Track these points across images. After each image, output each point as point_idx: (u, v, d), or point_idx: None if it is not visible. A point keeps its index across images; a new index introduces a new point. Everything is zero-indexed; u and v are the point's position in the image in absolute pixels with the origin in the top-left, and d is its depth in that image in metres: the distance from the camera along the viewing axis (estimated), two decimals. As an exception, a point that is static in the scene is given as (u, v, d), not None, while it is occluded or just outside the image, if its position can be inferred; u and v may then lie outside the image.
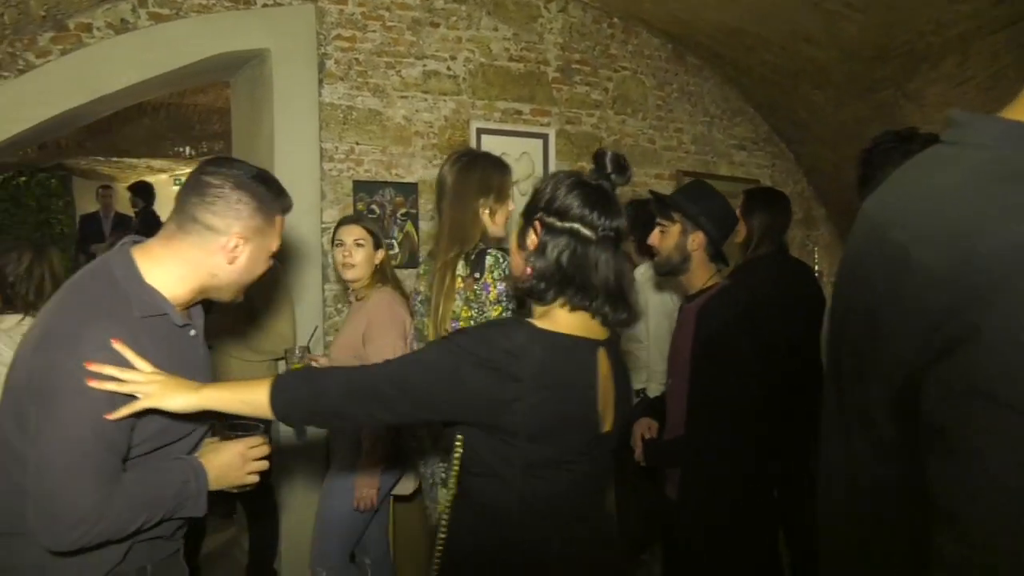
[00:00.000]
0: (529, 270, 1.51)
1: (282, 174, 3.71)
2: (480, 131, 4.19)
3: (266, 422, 1.59)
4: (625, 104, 4.66)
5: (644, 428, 2.43)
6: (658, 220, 2.29)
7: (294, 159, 3.75)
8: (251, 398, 1.48)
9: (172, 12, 3.54)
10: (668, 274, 2.38)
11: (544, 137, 4.37)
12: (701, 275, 2.26)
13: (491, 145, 4.17)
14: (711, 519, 2.17)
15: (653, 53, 4.76)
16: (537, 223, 1.52)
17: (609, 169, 1.56)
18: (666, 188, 4.69)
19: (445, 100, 4.12)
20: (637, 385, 3.46)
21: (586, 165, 4.51)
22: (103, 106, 3.79)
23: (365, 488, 2.72)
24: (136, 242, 1.53)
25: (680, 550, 2.33)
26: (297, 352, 2.91)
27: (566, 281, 1.46)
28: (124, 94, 3.62)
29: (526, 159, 4.31)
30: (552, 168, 4.38)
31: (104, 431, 1.35)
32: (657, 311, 3.35)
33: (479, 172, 2.31)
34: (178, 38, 3.55)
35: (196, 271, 1.49)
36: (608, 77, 4.60)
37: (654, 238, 2.31)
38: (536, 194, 1.56)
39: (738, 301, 2.20)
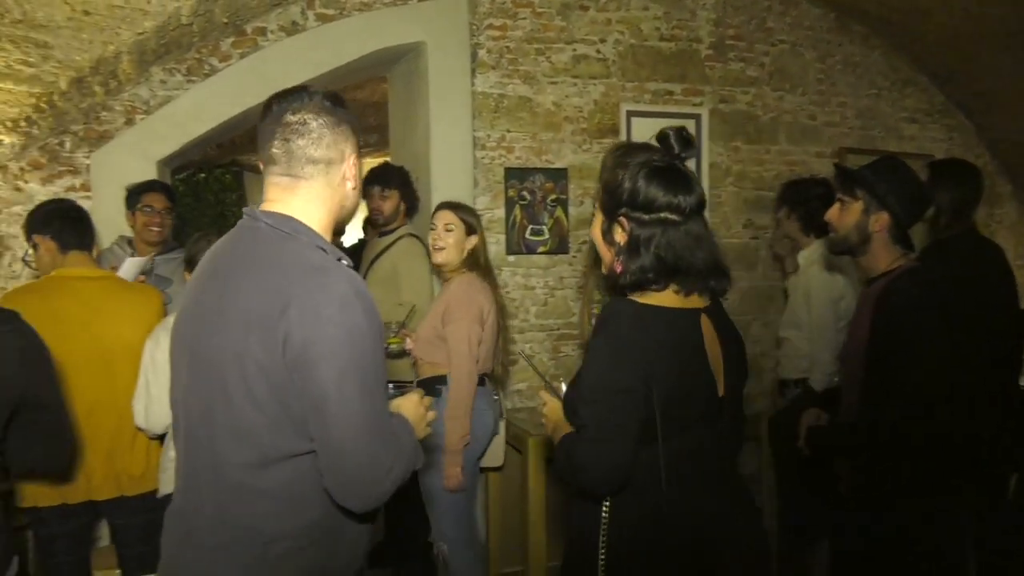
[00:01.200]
0: (619, 267, 1.58)
1: (437, 164, 3.90)
2: (630, 114, 4.13)
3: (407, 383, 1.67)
4: (783, 79, 4.43)
5: (812, 417, 2.31)
6: (839, 195, 2.14)
7: (448, 148, 3.86)
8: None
9: (336, 12, 3.73)
10: (842, 253, 2.24)
11: (696, 117, 4.24)
12: (883, 258, 2.08)
13: (642, 127, 4.11)
14: (887, 521, 2.02)
15: (814, 24, 4.49)
16: (623, 219, 1.58)
17: (677, 149, 1.64)
18: (826, 166, 4.43)
19: (595, 84, 4.09)
20: (794, 375, 3.29)
21: (741, 145, 4.35)
22: (275, 104, 4.05)
23: (449, 467, 2.76)
24: (248, 212, 1.46)
25: (850, 555, 2.18)
26: (394, 327, 3.02)
27: (672, 271, 1.55)
28: (294, 92, 3.86)
29: (677, 141, 4.20)
30: (705, 149, 4.25)
31: (382, 371, 1.36)
32: (821, 295, 3.13)
33: (628, 159, 2.29)
34: (342, 36, 3.74)
35: (329, 208, 1.46)
36: (764, 52, 4.38)
37: (832, 214, 2.15)
38: (613, 188, 1.61)
39: (928, 283, 2.02)
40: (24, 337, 1.63)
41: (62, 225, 2.45)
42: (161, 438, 2.50)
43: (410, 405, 1.56)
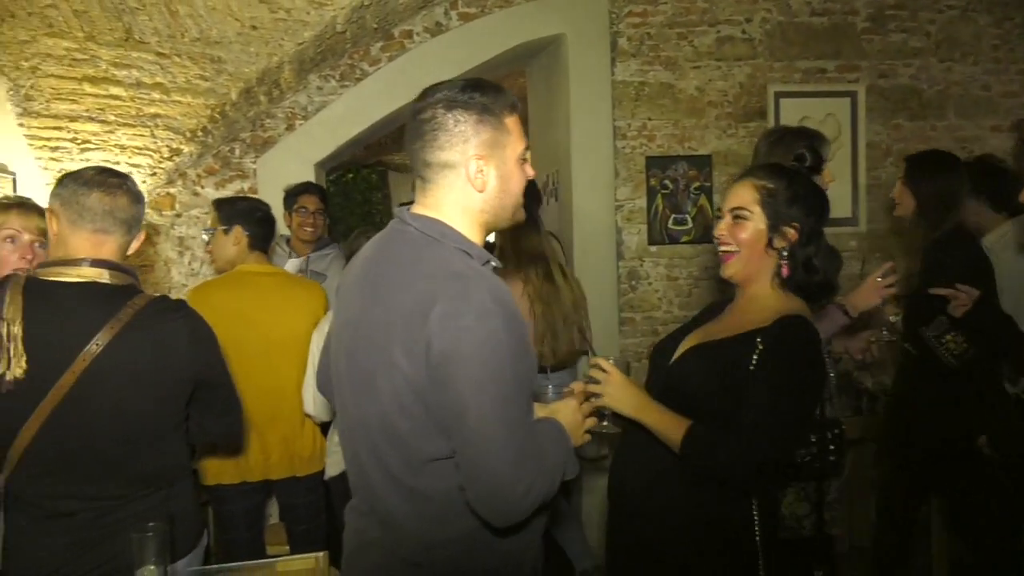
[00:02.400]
0: (787, 270, 1.63)
1: (578, 155, 3.90)
2: (778, 95, 3.94)
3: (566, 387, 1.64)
4: (952, 48, 4.06)
5: None
6: None
7: (589, 139, 3.84)
8: (671, 435, 1.55)
9: (478, 10, 3.81)
10: None
11: (851, 95, 3.98)
12: None
13: (791, 109, 3.91)
14: None
15: (987, -15, 4.10)
16: (795, 227, 1.62)
17: (810, 163, 1.80)
18: (1004, 141, 4.03)
19: (740, 66, 3.93)
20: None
21: (903, 122, 4.05)
22: (420, 104, 4.20)
23: None
24: (399, 215, 1.44)
25: None
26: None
27: (833, 289, 1.70)
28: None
29: (831, 121, 3.97)
30: (862, 129, 3.98)
31: (525, 380, 1.30)
32: (1016, 281, 2.79)
33: (783, 147, 2.17)
34: (484, 34, 3.81)
35: (465, 213, 1.38)
36: (930, 20, 4.04)
37: None
38: (777, 193, 1.63)
39: None
40: (192, 322, 1.77)
41: (259, 226, 2.65)
42: (327, 424, 2.66)
43: (567, 411, 1.48)
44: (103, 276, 1.64)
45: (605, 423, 1.63)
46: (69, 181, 1.67)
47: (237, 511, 2.61)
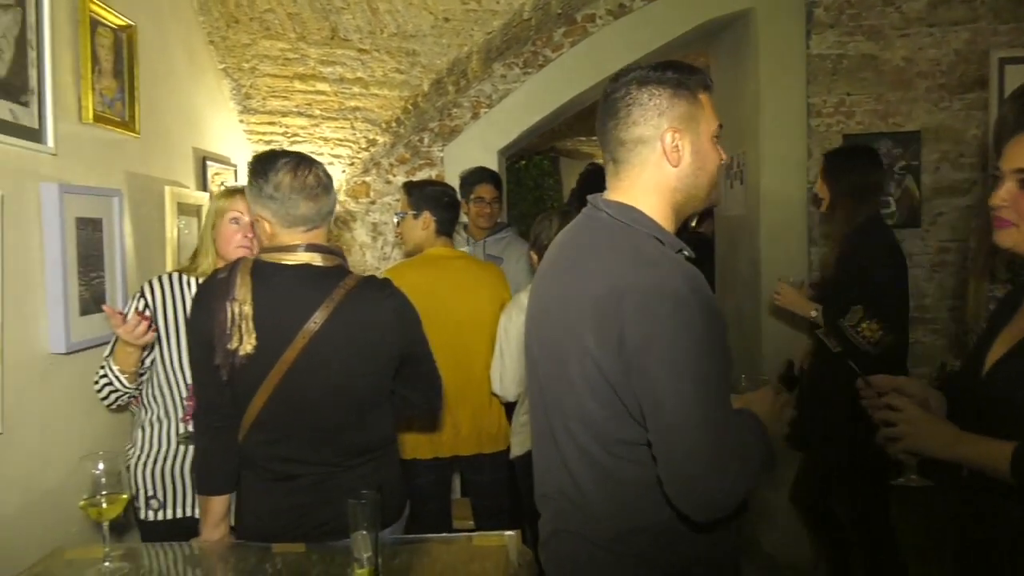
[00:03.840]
0: None
1: (766, 136, 3.70)
2: (1003, 61, 3.51)
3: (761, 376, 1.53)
4: None
5: None
6: None
7: (779, 119, 3.65)
8: (995, 464, 1.31)
9: (663, -12, 3.71)
10: None
11: (1096, 58, 3.48)
12: None
13: (1019, 76, 3.47)
14: None
15: None
16: None
17: None
18: None
19: (956, 31, 3.55)
20: None
21: None
22: (601, 90, 4.17)
23: None
24: (592, 201, 1.42)
25: None
26: None
27: None
28: (619, 75, 3.94)
29: (1070, 88, 3.49)
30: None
31: (723, 372, 1.26)
32: None
33: None
34: (667, 13, 3.71)
35: (659, 193, 1.35)
36: None
37: None
38: None
39: None
40: (398, 300, 1.86)
41: (446, 211, 2.77)
42: (511, 405, 2.73)
43: (763, 402, 1.42)
44: (316, 259, 1.76)
45: (913, 476, 1.45)
46: (272, 190, 1.72)
47: (429, 484, 2.73)
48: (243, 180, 3.40)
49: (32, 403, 1.90)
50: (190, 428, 2.03)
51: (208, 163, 3.00)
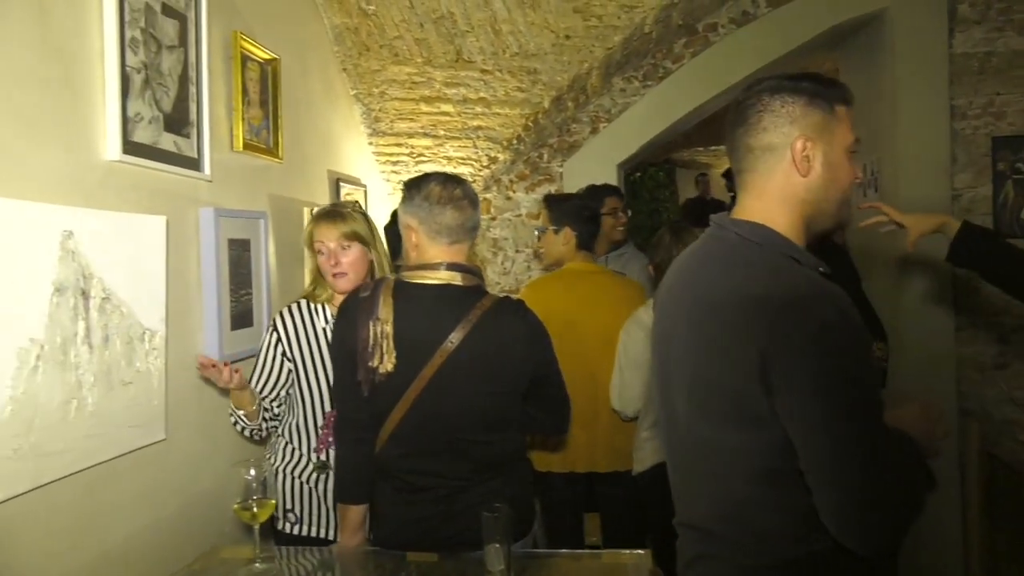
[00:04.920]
0: None
1: (905, 141, 3.50)
2: None
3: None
4: None
5: None
6: None
7: (919, 123, 3.45)
8: None
9: (789, -7, 3.60)
10: None
11: None
12: None
13: None
14: None
15: None
16: None
17: None
18: None
19: (1125, 20, 3.25)
20: None
21: None
22: (722, 100, 4.08)
23: None
24: (716, 221, 1.37)
25: None
26: None
27: None
28: (741, 85, 3.84)
29: None
30: None
31: (873, 398, 1.17)
32: None
33: None
34: (794, 18, 3.60)
35: (787, 205, 1.27)
36: None
37: None
38: None
39: None
40: (529, 322, 1.89)
41: (586, 225, 2.78)
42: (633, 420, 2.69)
43: (913, 418, 1.32)
44: (456, 279, 1.82)
45: None
46: (422, 200, 1.81)
47: (562, 499, 2.74)
48: (373, 198, 3.56)
49: (190, 412, 2.05)
50: (322, 458, 2.12)
51: (341, 184, 3.15)
